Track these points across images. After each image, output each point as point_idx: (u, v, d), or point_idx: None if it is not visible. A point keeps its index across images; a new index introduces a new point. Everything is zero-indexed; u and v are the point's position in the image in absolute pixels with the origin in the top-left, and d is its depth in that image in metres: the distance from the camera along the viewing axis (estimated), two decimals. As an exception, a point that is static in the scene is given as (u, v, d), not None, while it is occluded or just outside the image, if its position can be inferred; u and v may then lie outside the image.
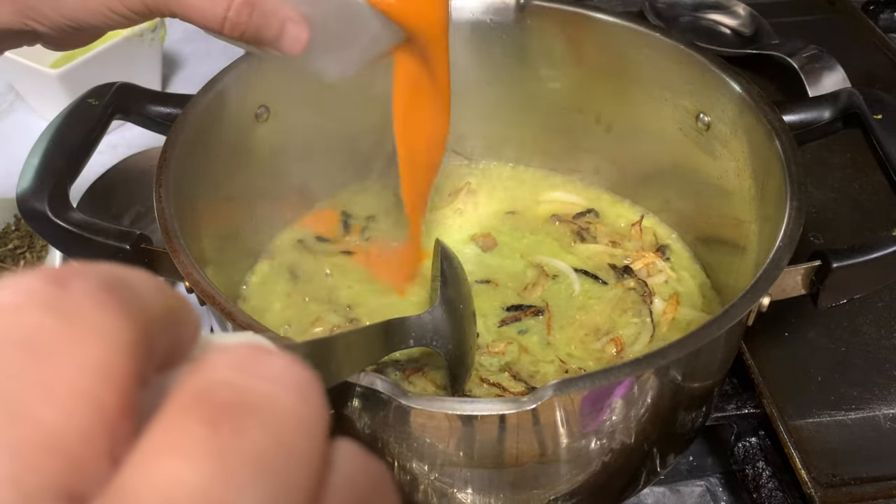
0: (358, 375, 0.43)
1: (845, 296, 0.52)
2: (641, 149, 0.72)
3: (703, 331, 0.46)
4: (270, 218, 0.72)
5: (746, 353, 0.65)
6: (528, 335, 0.64)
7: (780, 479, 0.62)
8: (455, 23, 0.70)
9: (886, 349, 0.66)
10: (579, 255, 0.71)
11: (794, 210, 0.52)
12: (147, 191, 0.55)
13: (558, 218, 0.75)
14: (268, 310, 0.66)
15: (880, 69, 0.96)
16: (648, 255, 0.70)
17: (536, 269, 0.70)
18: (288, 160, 0.69)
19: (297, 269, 0.69)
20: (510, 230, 0.74)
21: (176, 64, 1.04)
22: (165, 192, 0.53)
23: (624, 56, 0.68)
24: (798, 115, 0.59)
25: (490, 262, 0.71)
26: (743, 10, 1.03)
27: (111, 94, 0.59)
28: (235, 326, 0.46)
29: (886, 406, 0.62)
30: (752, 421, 0.65)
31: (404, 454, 0.48)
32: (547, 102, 0.75)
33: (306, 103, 0.67)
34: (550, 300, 0.67)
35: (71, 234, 0.51)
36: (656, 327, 0.65)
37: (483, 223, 0.75)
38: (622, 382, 0.45)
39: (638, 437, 0.51)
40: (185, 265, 0.49)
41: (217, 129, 0.61)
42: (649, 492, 0.64)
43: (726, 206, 0.65)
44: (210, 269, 0.58)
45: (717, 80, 0.63)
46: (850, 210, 0.78)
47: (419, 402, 0.43)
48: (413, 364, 0.61)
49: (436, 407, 0.43)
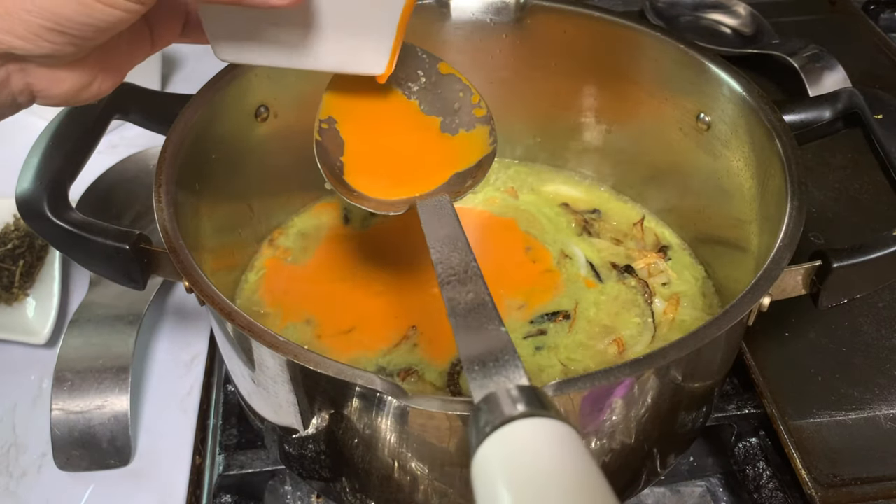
0: (358, 376, 0.43)
1: (846, 296, 0.52)
2: (642, 148, 0.72)
3: (703, 331, 0.46)
4: (270, 217, 0.72)
5: (747, 354, 0.65)
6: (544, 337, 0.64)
7: (781, 480, 0.62)
8: (455, 23, 0.70)
9: (887, 349, 0.66)
10: (587, 246, 0.72)
11: (794, 210, 0.52)
12: (147, 191, 0.55)
13: (567, 206, 0.75)
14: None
15: (881, 69, 0.96)
16: (650, 255, 0.70)
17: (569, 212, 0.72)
18: (288, 160, 0.69)
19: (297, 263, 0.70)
20: (525, 203, 0.76)
21: (175, 64, 1.04)
22: (165, 192, 0.53)
23: (624, 56, 0.68)
24: (798, 114, 0.59)
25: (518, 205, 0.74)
26: (743, 10, 1.03)
27: (110, 94, 0.58)
28: (235, 326, 0.46)
29: (887, 406, 0.62)
30: (752, 421, 0.65)
31: (404, 454, 0.48)
32: (547, 102, 0.74)
33: (306, 103, 0.67)
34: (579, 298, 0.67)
35: (70, 234, 0.51)
36: (657, 327, 0.65)
37: (497, 198, 0.76)
38: (622, 382, 0.45)
39: (638, 437, 0.51)
40: (185, 265, 0.49)
41: (217, 129, 0.61)
42: (650, 492, 0.64)
43: (727, 206, 0.65)
44: (209, 269, 0.58)
45: (717, 79, 0.62)
46: (850, 210, 0.78)
47: (419, 401, 0.43)
48: (404, 370, 0.61)
49: (435, 407, 0.43)
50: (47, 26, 0.39)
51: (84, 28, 0.40)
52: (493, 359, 0.38)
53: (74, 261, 0.56)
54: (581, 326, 0.65)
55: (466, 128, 0.55)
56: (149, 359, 0.71)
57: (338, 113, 0.54)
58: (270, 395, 0.51)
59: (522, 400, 0.34)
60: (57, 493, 0.62)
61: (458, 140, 0.55)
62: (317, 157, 0.52)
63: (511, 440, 0.33)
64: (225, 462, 0.62)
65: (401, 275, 0.69)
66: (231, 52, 0.48)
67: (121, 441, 0.62)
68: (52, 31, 0.39)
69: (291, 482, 0.65)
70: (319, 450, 0.52)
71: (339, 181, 0.52)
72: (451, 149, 0.55)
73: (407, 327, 0.64)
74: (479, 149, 0.54)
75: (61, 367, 0.64)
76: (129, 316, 0.68)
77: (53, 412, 0.62)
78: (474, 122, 0.55)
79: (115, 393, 0.63)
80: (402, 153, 0.55)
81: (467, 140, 0.55)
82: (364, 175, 0.53)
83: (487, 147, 0.54)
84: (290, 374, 0.47)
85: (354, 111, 0.54)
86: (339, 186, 0.52)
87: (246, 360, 0.50)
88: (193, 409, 0.67)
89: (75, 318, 0.68)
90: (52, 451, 0.62)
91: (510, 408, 0.34)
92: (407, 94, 0.55)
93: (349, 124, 0.54)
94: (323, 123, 0.53)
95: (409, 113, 0.55)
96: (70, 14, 0.39)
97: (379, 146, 0.55)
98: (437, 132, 0.55)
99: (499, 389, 0.35)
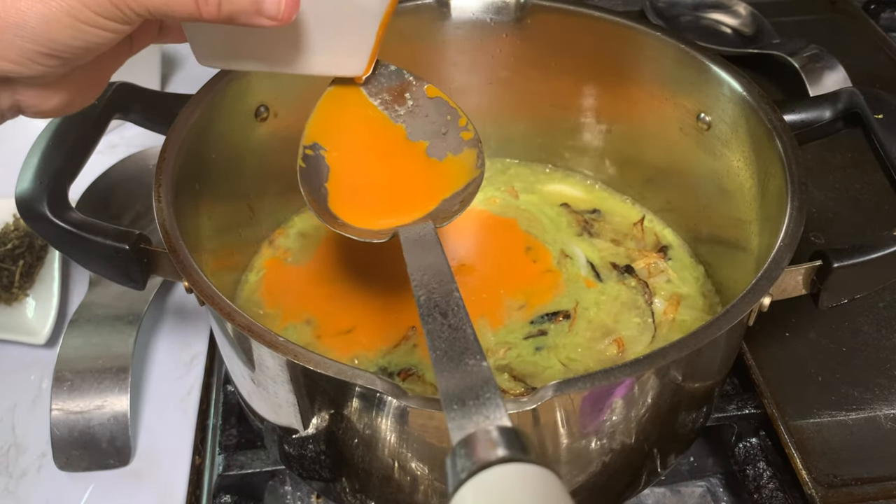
0: (358, 376, 0.43)
1: (846, 296, 0.52)
2: (642, 148, 0.72)
3: (703, 331, 0.46)
4: (270, 217, 0.72)
5: (747, 354, 0.65)
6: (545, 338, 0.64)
7: (781, 480, 0.62)
8: (455, 22, 0.70)
9: (887, 349, 0.66)
10: (587, 246, 0.72)
11: (794, 210, 0.52)
12: (146, 191, 0.55)
13: (568, 206, 0.75)
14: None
15: (881, 68, 0.96)
16: (650, 255, 0.70)
17: (569, 212, 0.71)
18: (288, 160, 0.69)
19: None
20: (525, 203, 0.76)
21: (175, 63, 1.04)
22: (165, 192, 0.53)
23: (624, 55, 0.68)
24: (799, 114, 0.59)
25: (519, 205, 0.74)
26: (744, 10, 1.03)
27: (110, 94, 0.58)
28: (235, 326, 0.46)
29: (887, 406, 0.62)
30: (752, 421, 0.64)
31: (404, 454, 0.48)
32: (547, 102, 0.74)
33: (306, 103, 0.66)
34: (580, 298, 0.67)
35: (70, 234, 0.51)
36: (657, 328, 0.65)
37: (498, 198, 0.76)
38: (622, 383, 0.45)
39: (638, 437, 0.51)
40: (185, 265, 0.49)
41: (217, 129, 0.61)
42: (650, 492, 0.64)
43: (727, 206, 0.65)
44: (209, 269, 0.58)
45: (717, 79, 0.62)
46: (850, 210, 0.78)
47: (418, 402, 0.43)
48: (404, 370, 0.61)
49: (436, 407, 0.43)
50: (41, 51, 0.40)
51: (75, 50, 0.41)
52: (474, 396, 0.36)
53: (74, 261, 0.56)
54: (581, 326, 0.65)
55: (454, 151, 0.54)
56: (148, 359, 0.71)
57: (323, 139, 0.53)
58: (270, 395, 0.51)
59: (502, 443, 0.33)
60: (57, 493, 0.62)
61: (445, 165, 0.54)
62: (300, 184, 0.52)
63: (487, 487, 0.32)
64: (225, 462, 0.62)
65: (401, 275, 0.68)
66: (212, 58, 0.49)
67: (120, 441, 0.62)
68: (45, 56, 0.40)
69: (291, 482, 0.65)
70: (319, 450, 0.52)
71: (322, 209, 0.52)
72: (437, 174, 0.54)
73: (407, 327, 0.64)
74: (466, 173, 0.53)
75: (61, 367, 0.64)
76: (128, 316, 0.68)
77: (53, 412, 0.62)
78: (462, 145, 0.54)
79: (114, 393, 0.63)
80: (388, 181, 0.54)
81: (454, 164, 0.54)
82: (348, 203, 0.53)
83: (475, 170, 0.53)
84: (290, 374, 0.47)
85: (340, 137, 0.54)
86: (324, 215, 0.51)
87: (246, 361, 0.50)
88: (193, 409, 0.67)
89: (75, 318, 0.68)
90: (52, 452, 0.62)
91: (487, 452, 0.33)
92: (393, 118, 0.54)
93: (335, 151, 0.53)
94: (307, 150, 0.53)
95: (395, 138, 0.54)
96: (63, 39, 0.40)
97: (364, 173, 0.54)
98: (423, 157, 0.54)
99: (478, 430, 0.34)
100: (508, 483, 0.32)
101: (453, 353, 0.39)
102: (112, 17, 0.40)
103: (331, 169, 0.53)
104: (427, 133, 0.54)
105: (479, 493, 0.31)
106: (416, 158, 0.54)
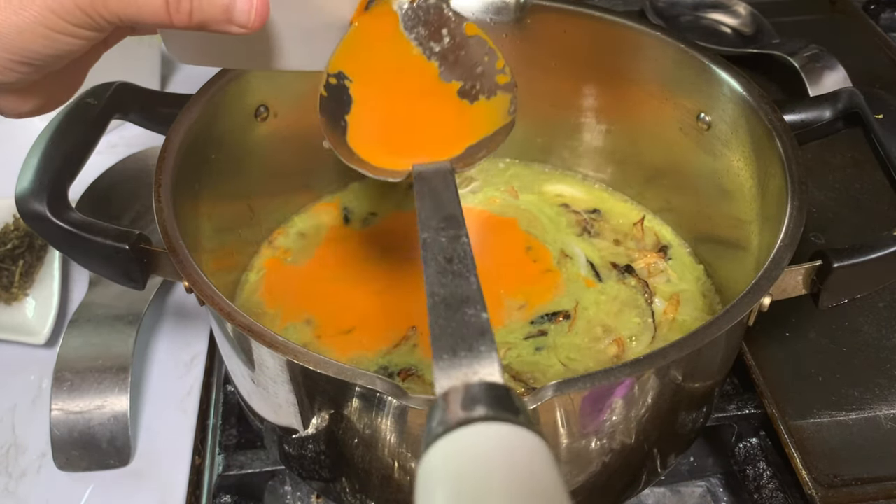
0: (358, 375, 0.43)
1: (846, 296, 0.52)
2: (642, 148, 0.72)
3: (703, 331, 0.46)
4: (270, 217, 0.72)
5: (747, 354, 0.65)
6: (545, 338, 0.64)
7: (781, 480, 0.62)
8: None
9: (887, 349, 0.66)
10: (587, 246, 0.72)
11: (795, 210, 0.52)
12: (146, 191, 0.55)
13: (567, 206, 0.75)
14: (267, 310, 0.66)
15: (881, 68, 0.96)
16: (650, 255, 0.70)
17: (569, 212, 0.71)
18: (288, 159, 0.69)
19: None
20: (525, 203, 0.76)
21: (175, 63, 1.04)
22: (165, 192, 0.53)
23: (624, 56, 0.68)
24: (799, 114, 0.59)
25: (519, 205, 0.73)
26: (744, 10, 1.03)
27: (110, 94, 0.58)
28: (235, 326, 0.46)
29: (887, 406, 0.62)
30: (752, 421, 0.64)
31: (404, 454, 0.48)
32: (547, 102, 0.74)
33: (306, 103, 0.67)
34: (580, 298, 0.67)
35: (70, 234, 0.51)
36: (657, 327, 0.65)
37: (498, 198, 0.76)
38: (622, 383, 0.45)
39: (638, 437, 0.51)
40: (185, 265, 0.49)
41: (217, 129, 0.61)
42: (650, 492, 0.64)
43: (727, 206, 0.65)
44: (209, 269, 0.57)
45: (717, 79, 0.62)
46: (850, 210, 0.78)
47: (419, 401, 0.43)
48: (404, 370, 0.61)
49: (436, 407, 0.43)
50: (16, 60, 0.41)
51: (48, 58, 0.42)
52: (467, 347, 0.33)
53: (74, 261, 0.56)
54: (581, 326, 0.65)
55: (487, 95, 0.52)
56: (148, 359, 0.71)
57: (350, 69, 0.51)
58: (270, 395, 0.51)
59: (485, 400, 0.30)
60: (56, 493, 0.62)
61: (475, 108, 0.52)
62: (319, 112, 0.50)
63: (461, 447, 0.28)
64: (225, 462, 0.62)
65: (401, 275, 0.69)
66: (188, 56, 0.50)
67: (120, 441, 0.62)
68: (19, 63, 0.41)
69: (291, 482, 0.65)
70: (319, 450, 0.52)
71: (340, 142, 0.50)
72: (467, 118, 0.51)
73: (407, 327, 0.64)
74: (498, 118, 0.51)
75: (61, 367, 0.64)
76: (128, 316, 0.68)
77: (53, 412, 0.62)
78: (496, 88, 0.52)
79: (114, 393, 0.63)
80: (413, 120, 0.51)
81: (486, 109, 0.51)
82: (369, 140, 0.50)
83: (507, 117, 0.51)
84: (290, 374, 0.47)
85: (368, 69, 0.51)
86: (341, 148, 0.49)
87: (246, 360, 0.50)
88: (193, 409, 0.67)
89: (75, 318, 0.68)
90: (52, 452, 0.62)
91: (469, 408, 0.29)
92: (427, 55, 0.51)
93: (360, 83, 0.51)
94: (331, 78, 0.50)
95: (426, 76, 0.52)
96: (36, 48, 0.41)
97: (389, 111, 0.51)
98: (454, 99, 0.52)
99: (463, 384, 0.31)
100: (486, 444, 0.28)
101: (452, 301, 0.36)
102: (84, 25, 0.41)
103: (354, 101, 0.51)
104: (461, 74, 0.52)
105: (449, 453, 0.28)
106: (446, 99, 0.52)
